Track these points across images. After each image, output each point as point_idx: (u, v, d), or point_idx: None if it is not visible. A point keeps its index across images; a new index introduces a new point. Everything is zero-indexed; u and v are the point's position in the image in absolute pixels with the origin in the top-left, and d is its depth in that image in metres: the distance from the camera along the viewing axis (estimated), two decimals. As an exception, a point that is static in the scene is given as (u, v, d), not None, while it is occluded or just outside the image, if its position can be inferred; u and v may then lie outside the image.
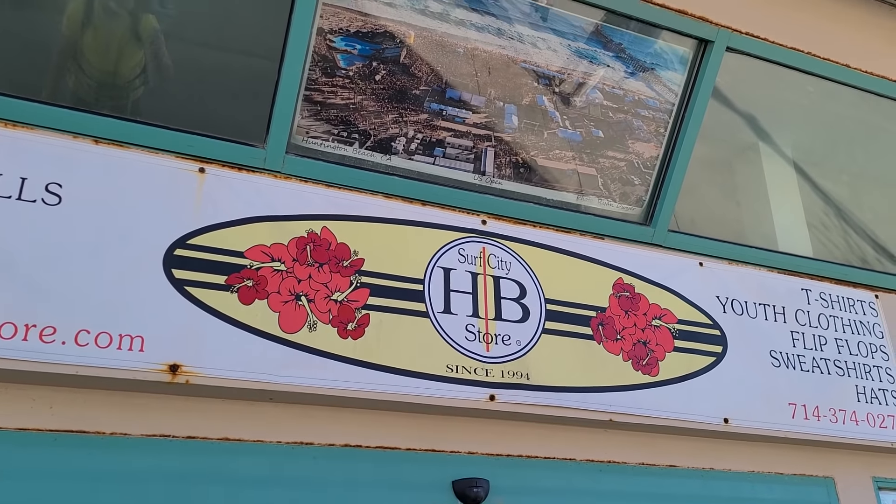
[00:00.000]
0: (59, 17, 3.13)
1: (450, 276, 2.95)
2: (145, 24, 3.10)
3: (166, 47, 3.15)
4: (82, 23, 3.05)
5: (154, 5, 3.15)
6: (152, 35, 3.11)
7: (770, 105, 4.36)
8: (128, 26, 3.04)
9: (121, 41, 3.04)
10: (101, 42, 3.06)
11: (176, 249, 2.54)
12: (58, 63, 3.13)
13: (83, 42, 3.05)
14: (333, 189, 2.90)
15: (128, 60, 3.08)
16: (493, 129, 3.17)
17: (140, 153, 2.63)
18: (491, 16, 3.03)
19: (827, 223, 4.52)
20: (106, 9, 3.03)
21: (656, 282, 3.38)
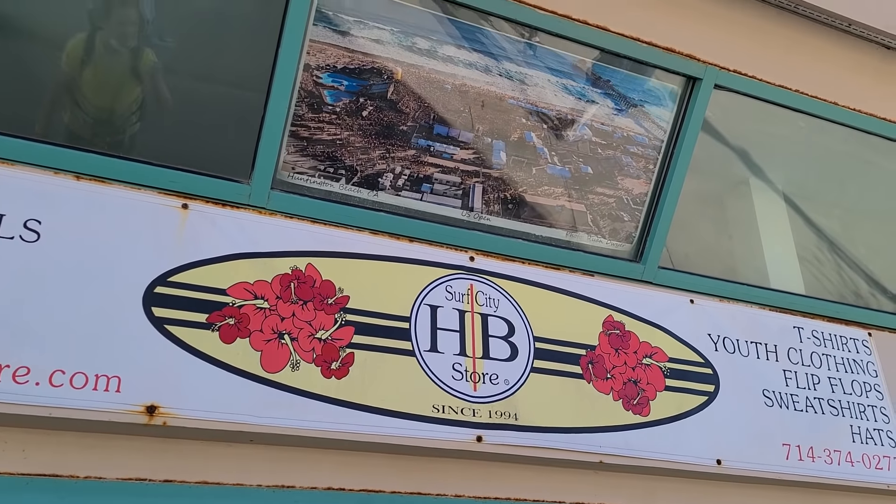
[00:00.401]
0: (54, 51, 3.12)
1: (437, 313, 2.91)
2: (145, 59, 3.10)
3: (165, 82, 3.15)
4: (82, 60, 3.05)
5: (153, 39, 3.15)
6: (151, 70, 3.11)
7: (761, 140, 4.38)
8: (127, 63, 3.04)
9: (119, 78, 3.04)
10: (100, 79, 3.07)
11: (156, 287, 2.50)
12: (53, 99, 3.13)
13: (82, 79, 3.05)
14: (319, 225, 2.87)
15: (126, 97, 3.09)
16: (481, 165, 3.16)
17: (122, 189, 2.61)
18: (479, 53, 3.04)
19: (819, 259, 4.52)
20: (106, 46, 3.03)
21: (647, 319, 3.34)
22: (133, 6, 3.00)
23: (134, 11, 2.99)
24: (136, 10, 3.00)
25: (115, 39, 3.02)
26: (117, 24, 3.00)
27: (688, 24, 3.27)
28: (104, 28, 3.02)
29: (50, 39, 3.14)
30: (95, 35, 3.03)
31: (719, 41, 3.35)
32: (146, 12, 2.99)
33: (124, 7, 2.99)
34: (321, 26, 2.79)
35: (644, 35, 3.18)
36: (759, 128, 4.23)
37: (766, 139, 4.35)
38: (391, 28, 2.89)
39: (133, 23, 3.00)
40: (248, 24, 3.09)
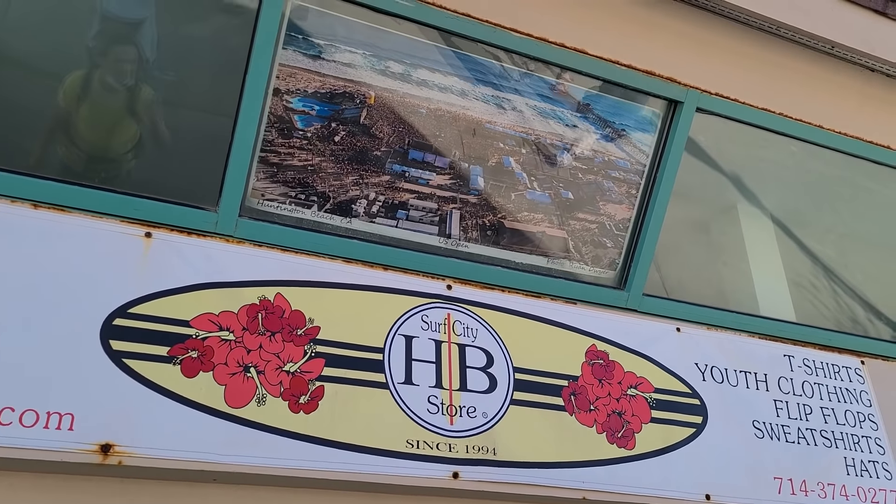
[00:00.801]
0: (52, 86, 3.08)
1: (412, 344, 2.82)
2: (143, 96, 3.07)
3: (164, 120, 3.12)
4: (79, 96, 3.03)
5: (153, 74, 3.12)
6: (149, 106, 3.08)
7: (750, 165, 4.33)
8: (124, 101, 3.01)
9: (115, 115, 3.01)
10: (96, 116, 3.04)
11: (115, 319, 2.41)
12: (48, 134, 3.09)
13: (78, 115, 3.02)
14: (289, 253, 2.79)
15: (121, 135, 3.06)
16: (458, 191, 3.09)
17: (82, 218, 2.52)
18: (454, 76, 2.99)
19: (812, 286, 4.44)
20: (104, 83, 3.01)
21: (631, 348, 3.25)
22: (131, 44, 2.99)
23: (132, 49, 2.99)
24: (134, 47, 2.99)
25: (112, 77, 3.01)
26: (115, 62, 3.00)
27: (668, 47, 3.23)
28: (102, 65, 3.01)
29: (49, 74, 3.10)
30: (94, 72, 3.02)
31: (701, 64, 3.31)
32: (146, 52, 2.98)
33: (122, 44, 2.98)
34: (291, 50, 2.74)
35: (623, 58, 3.14)
36: (748, 152, 4.18)
37: (754, 164, 4.29)
38: (363, 51, 2.84)
39: (131, 60, 2.99)
40: (215, 48, 3.03)
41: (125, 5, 3.02)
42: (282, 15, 2.67)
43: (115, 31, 2.98)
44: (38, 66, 3.12)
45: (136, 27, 2.97)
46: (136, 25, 2.97)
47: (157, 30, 3.03)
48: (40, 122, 3.12)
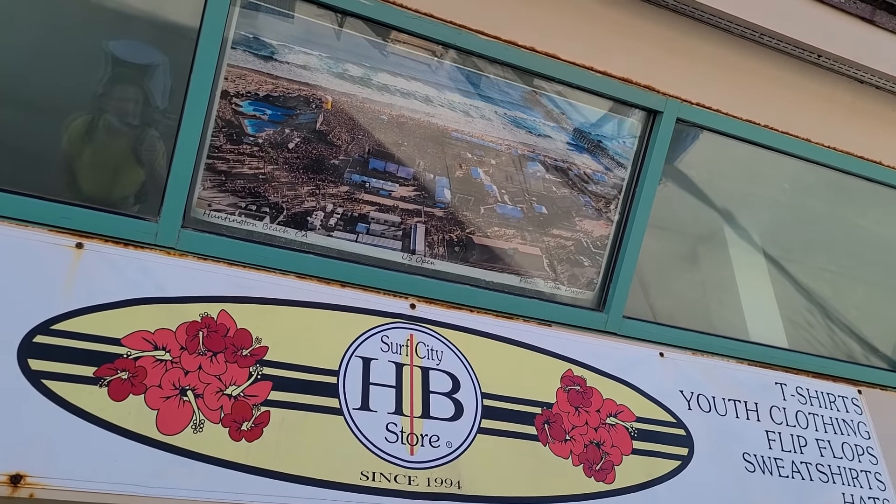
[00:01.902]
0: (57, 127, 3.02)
1: (370, 366, 2.63)
2: (149, 141, 3.02)
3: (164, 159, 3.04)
4: (83, 140, 2.99)
5: (155, 112, 3.06)
6: (155, 153, 3.02)
7: (738, 194, 4.22)
8: (128, 143, 2.94)
9: (120, 158, 2.95)
10: (101, 159, 3.02)
11: (36, 336, 2.22)
12: (53, 179, 3.06)
13: (81, 158, 2.99)
14: (237, 268, 2.61)
15: (125, 179, 2.99)
16: (423, 204, 2.93)
17: (6, 226, 2.34)
18: (418, 81, 2.85)
19: (803, 321, 4.28)
20: (108, 126, 2.98)
21: (611, 374, 3.06)
22: (137, 85, 2.96)
23: (137, 90, 2.97)
24: (139, 89, 2.97)
25: (116, 117, 2.97)
26: (119, 101, 2.98)
27: (646, 53, 3.11)
28: (108, 107, 2.98)
29: (55, 115, 3.07)
30: (99, 116, 3.00)
31: (681, 72, 3.19)
32: (157, 99, 2.94)
33: (128, 84, 2.96)
34: (241, 50, 2.60)
35: (598, 64, 3.01)
36: (738, 186, 4.10)
37: (745, 195, 4.20)
38: (319, 53, 2.70)
39: (135, 100, 2.97)
40: (159, 48, 2.90)
41: (136, 50, 3.06)
42: (229, 12, 2.53)
43: (123, 74, 2.98)
44: (44, 108, 3.12)
45: (145, 71, 2.99)
46: (145, 69, 2.98)
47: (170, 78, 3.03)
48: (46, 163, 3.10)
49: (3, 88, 3.33)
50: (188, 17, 2.96)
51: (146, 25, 3.34)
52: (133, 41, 3.28)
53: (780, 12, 3.08)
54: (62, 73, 3.38)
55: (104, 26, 3.47)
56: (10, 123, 3.36)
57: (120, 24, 3.60)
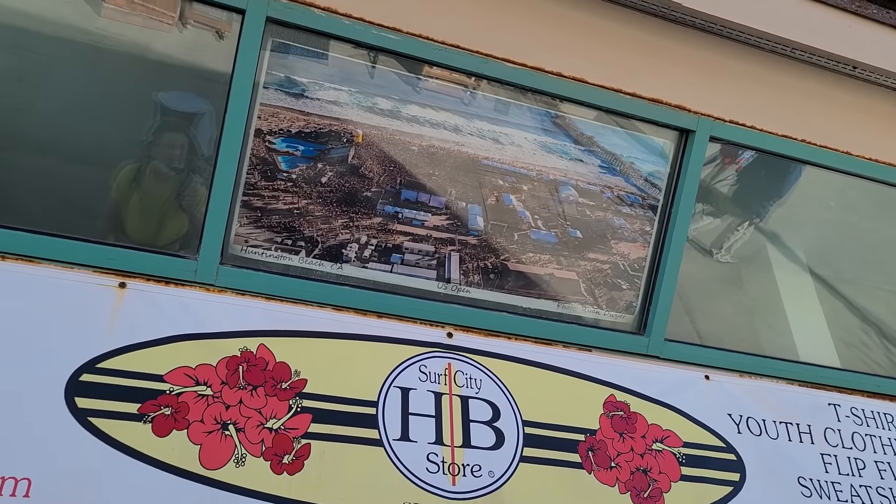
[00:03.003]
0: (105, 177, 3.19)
1: (409, 396, 2.64)
2: (193, 187, 3.15)
3: None
4: (130, 187, 3.12)
5: (200, 159, 3.20)
6: (199, 199, 3.16)
7: (779, 208, 4.17)
8: (173, 189, 3.08)
9: (166, 204, 3.08)
10: (147, 205, 3.14)
11: (82, 375, 2.29)
12: (101, 225, 3.19)
13: (129, 205, 3.11)
14: (274, 302, 2.66)
15: (171, 225, 3.11)
16: (456, 232, 2.96)
17: (52, 269, 2.44)
18: (447, 111, 2.90)
19: (853, 329, 4.18)
20: (155, 172, 3.10)
21: (655, 399, 3.03)
22: (182, 131, 3.09)
23: (182, 136, 3.10)
24: (184, 135, 3.10)
25: (162, 163, 3.09)
26: (165, 147, 3.10)
27: (675, 73, 3.12)
28: (154, 155, 3.11)
29: (103, 165, 3.24)
30: (146, 163, 3.13)
31: (712, 90, 3.19)
32: (202, 146, 3.08)
33: (173, 131, 3.08)
34: (272, 89, 2.69)
35: (626, 86, 3.03)
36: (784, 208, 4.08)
37: (785, 209, 4.16)
38: (349, 88, 2.78)
39: (181, 146, 3.10)
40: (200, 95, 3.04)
41: (182, 99, 3.19)
42: (260, 55, 2.63)
43: (170, 122, 3.10)
44: (92, 158, 3.28)
45: (191, 119, 3.12)
46: (191, 117, 3.12)
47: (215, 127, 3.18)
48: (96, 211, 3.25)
49: (55, 141, 3.50)
50: (222, 62, 3.08)
51: (183, 73, 3.49)
52: (181, 92, 3.42)
53: (810, 26, 3.07)
54: (109, 124, 3.54)
55: (144, 77, 3.64)
56: (61, 174, 3.52)
57: (158, 73, 3.77)
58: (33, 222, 2.58)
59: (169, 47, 3.64)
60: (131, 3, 3.59)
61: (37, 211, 3.12)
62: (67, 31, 3.82)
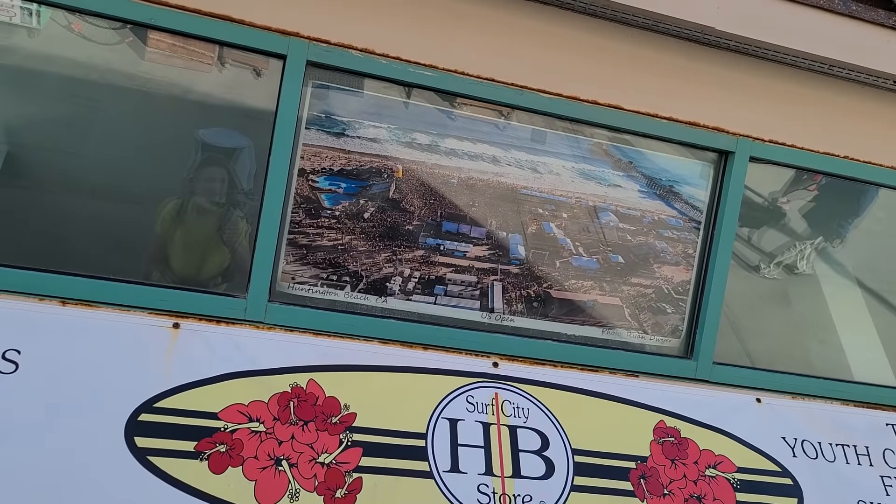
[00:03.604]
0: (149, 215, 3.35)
1: (457, 427, 2.67)
2: (234, 220, 3.27)
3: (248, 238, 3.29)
4: (173, 221, 3.26)
5: (240, 194, 3.33)
6: (240, 233, 3.28)
7: (825, 223, 4.14)
8: (215, 223, 3.23)
9: (208, 238, 3.21)
10: (190, 240, 3.28)
11: (140, 415, 2.37)
12: (148, 261, 3.33)
13: (173, 240, 3.25)
14: (322, 337, 2.72)
15: (214, 259, 3.23)
16: (498, 262, 3.00)
17: (109, 312, 2.54)
18: (484, 143, 2.96)
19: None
20: (197, 207, 3.25)
21: (706, 423, 3.00)
22: (222, 166, 3.23)
23: (223, 171, 3.24)
24: (225, 170, 3.24)
25: (204, 198, 3.24)
26: (206, 181, 3.25)
27: (712, 95, 3.14)
28: (196, 190, 3.26)
29: (150, 204, 3.39)
30: (189, 199, 3.28)
31: (750, 111, 3.19)
32: (242, 181, 3.20)
33: (214, 166, 3.23)
34: (314, 129, 2.78)
35: (662, 111, 3.05)
36: (823, 211, 4.03)
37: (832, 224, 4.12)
38: (388, 125, 2.85)
39: (221, 180, 3.24)
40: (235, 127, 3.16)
41: (222, 136, 3.35)
42: (302, 94, 2.72)
43: (211, 158, 3.24)
44: (140, 198, 3.44)
45: (231, 154, 3.23)
46: (231, 153, 3.23)
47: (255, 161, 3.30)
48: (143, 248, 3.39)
49: (104, 184, 3.64)
50: (261, 98, 3.20)
51: (224, 110, 3.63)
52: (221, 128, 3.55)
53: (847, 42, 3.06)
54: (155, 163, 3.68)
55: (186, 116, 3.79)
56: (111, 216, 3.66)
57: (200, 111, 3.92)
58: (89, 266, 2.70)
59: (209, 86, 3.79)
60: (172, 46, 3.76)
61: (91, 253, 3.26)
62: (113, 76, 4.01)
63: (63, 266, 2.60)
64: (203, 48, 3.61)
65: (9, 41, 3.73)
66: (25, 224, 3.39)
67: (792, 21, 2.95)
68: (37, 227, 3.38)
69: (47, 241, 3.26)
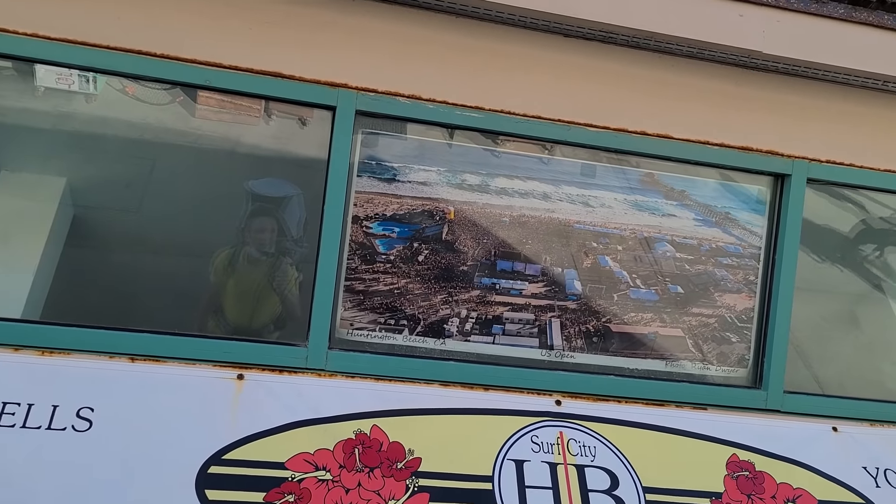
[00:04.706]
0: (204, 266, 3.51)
1: (523, 469, 2.65)
2: (284, 269, 3.37)
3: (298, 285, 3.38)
4: (226, 271, 3.40)
5: (289, 241, 3.44)
6: (290, 280, 3.38)
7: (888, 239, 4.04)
8: (266, 272, 3.33)
9: (260, 287, 3.31)
10: (242, 288, 3.40)
11: (210, 467, 2.41)
12: (203, 310, 3.45)
13: (225, 289, 3.37)
14: (383, 382, 2.75)
15: (266, 307, 3.33)
16: (554, 298, 3.00)
17: (176, 366, 2.61)
18: (534, 181, 3.00)
19: None
20: (248, 257, 3.37)
21: (781, 455, 2.92)
22: (272, 216, 3.38)
23: (272, 220, 3.39)
24: (274, 219, 3.38)
25: (254, 248, 3.37)
26: (256, 232, 3.38)
27: (763, 119, 3.12)
28: (247, 240, 3.40)
29: (205, 257, 3.55)
30: (240, 248, 3.41)
31: (803, 132, 3.17)
32: (291, 229, 3.32)
33: (264, 216, 3.38)
34: (366, 176, 2.85)
35: (713, 137, 3.05)
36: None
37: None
38: (437, 168, 2.91)
39: (270, 230, 3.37)
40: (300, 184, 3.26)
41: (271, 185, 3.48)
42: (352, 145, 2.80)
43: (260, 207, 3.37)
44: (196, 251, 3.58)
45: (279, 203, 3.33)
46: (280, 202, 3.33)
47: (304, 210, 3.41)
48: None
49: (163, 239, 3.77)
50: (308, 146, 3.30)
51: (273, 161, 3.75)
52: (270, 178, 3.67)
53: None
54: (209, 215, 3.81)
55: (237, 168, 3.92)
56: (170, 269, 3.78)
57: (250, 163, 4.06)
58: (154, 320, 2.80)
59: (258, 138, 3.93)
60: (221, 102, 3.92)
61: (155, 308, 3.37)
62: (167, 134, 4.18)
63: (130, 322, 2.70)
64: (250, 101, 3.75)
65: (69, 107, 3.94)
66: (94, 283, 3.53)
67: (841, 39, 2.94)
68: (104, 284, 3.53)
69: (114, 299, 3.39)
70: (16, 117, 3.91)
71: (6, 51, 2.60)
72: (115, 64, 2.69)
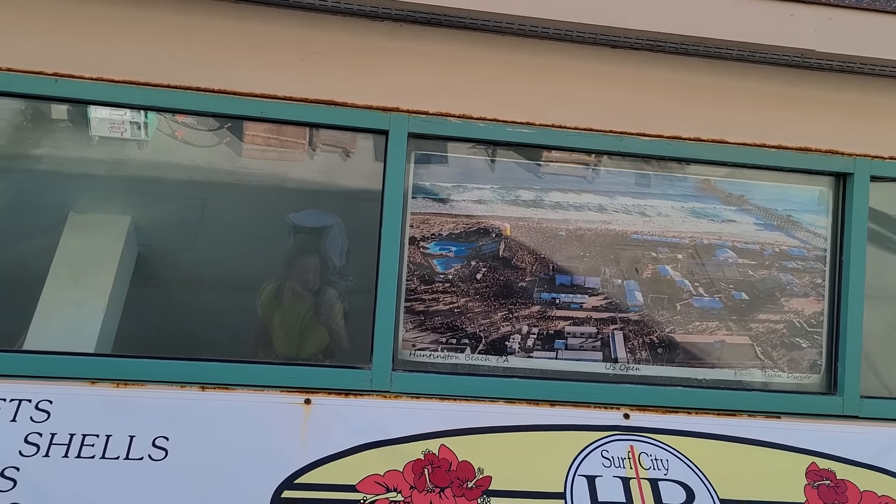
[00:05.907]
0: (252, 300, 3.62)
1: (595, 484, 2.64)
2: (328, 299, 3.46)
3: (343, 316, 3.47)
4: (272, 305, 3.51)
5: (332, 270, 3.53)
6: (334, 308, 3.46)
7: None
8: (310, 306, 3.44)
9: (306, 319, 3.40)
10: (289, 321, 3.49)
11: (284, 492, 2.47)
12: (254, 344, 3.57)
13: (272, 323, 3.47)
14: (448, 402, 2.78)
15: (313, 338, 3.42)
16: (616, 311, 3.00)
17: (245, 393, 2.68)
18: (588, 193, 3.02)
19: None
20: (293, 292, 3.48)
21: (863, 462, 2.85)
22: (315, 253, 3.48)
23: (315, 258, 3.49)
24: (317, 256, 3.49)
25: (299, 284, 3.46)
26: (301, 270, 3.47)
27: (820, 118, 3.10)
28: (292, 274, 3.50)
29: (251, 289, 3.67)
30: (285, 281, 3.51)
31: (863, 129, 3.13)
32: (333, 258, 3.42)
33: (307, 254, 3.48)
34: (420, 198, 2.91)
35: (770, 140, 3.04)
36: None
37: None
38: (491, 186, 2.96)
39: (313, 269, 3.48)
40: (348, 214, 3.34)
41: (311, 216, 3.59)
42: (406, 167, 2.86)
43: (302, 242, 3.47)
44: (245, 285, 3.66)
45: (321, 234, 3.42)
46: (321, 232, 3.43)
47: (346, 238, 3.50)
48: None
49: (218, 275, 3.89)
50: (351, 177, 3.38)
51: (319, 193, 3.84)
52: (311, 210, 3.77)
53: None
54: (262, 251, 3.92)
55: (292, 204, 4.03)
56: (221, 306, 3.89)
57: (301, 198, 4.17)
58: (220, 351, 2.88)
59: (303, 172, 4.04)
60: (267, 139, 4.05)
61: (217, 341, 3.47)
62: (216, 174, 4.33)
63: (194, 353, 2.79)
64: (294, 136, 3.88)
65: (123, 154, 4.12)
66: (160, 318, 3.66)
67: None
68: (167, 319, 3.65)
69: (177, 332, 3.51)
70: (74, 166, 4.11)
71: (74, 95, 2.75)
72: (172, 101, 2.81)
